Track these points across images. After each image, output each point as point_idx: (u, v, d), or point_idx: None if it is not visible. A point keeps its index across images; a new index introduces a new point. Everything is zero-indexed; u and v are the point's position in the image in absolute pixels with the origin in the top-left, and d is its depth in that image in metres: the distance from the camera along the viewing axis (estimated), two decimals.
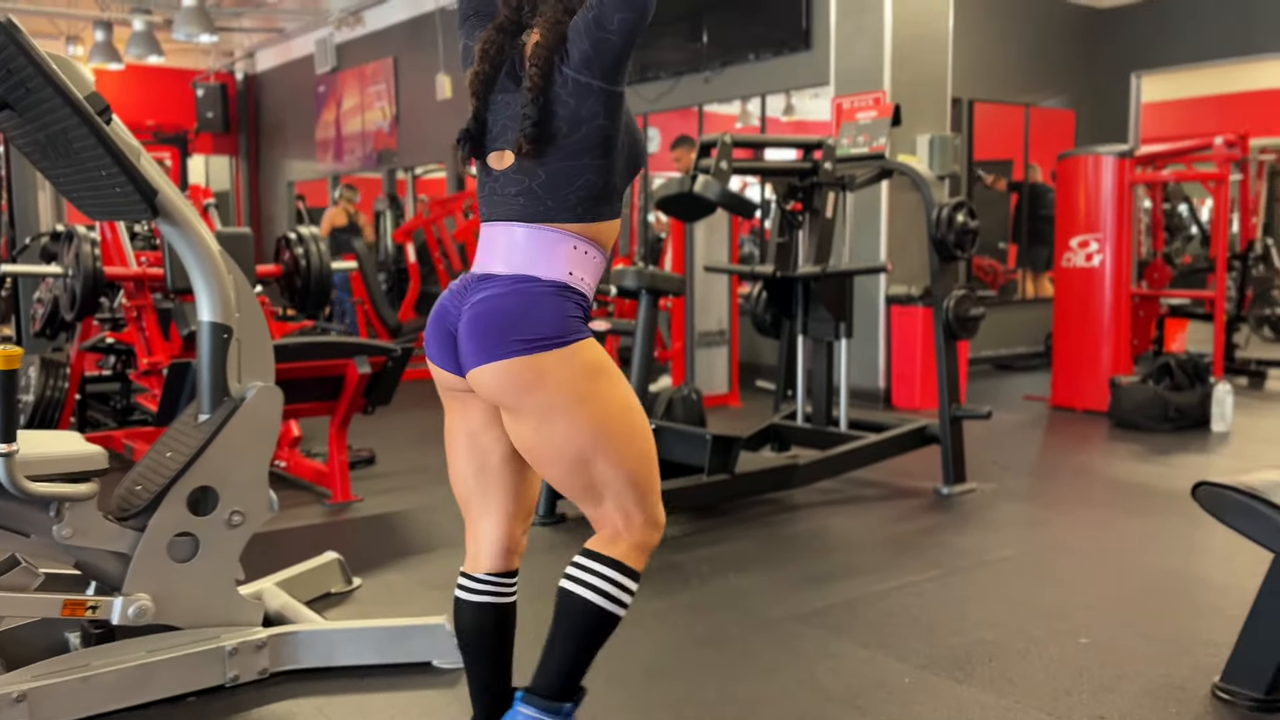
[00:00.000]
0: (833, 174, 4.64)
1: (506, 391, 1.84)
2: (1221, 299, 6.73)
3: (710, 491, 4.09)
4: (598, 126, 1.84)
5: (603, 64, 1.81)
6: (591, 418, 1.84)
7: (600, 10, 1.80)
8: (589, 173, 1.86)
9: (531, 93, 1.83)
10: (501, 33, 1.93)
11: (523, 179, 1.87)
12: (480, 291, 1.86)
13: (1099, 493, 4.65)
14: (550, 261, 1.85)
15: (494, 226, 1.92)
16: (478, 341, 1.83)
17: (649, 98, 9.25)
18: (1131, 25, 9.33)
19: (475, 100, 1.93)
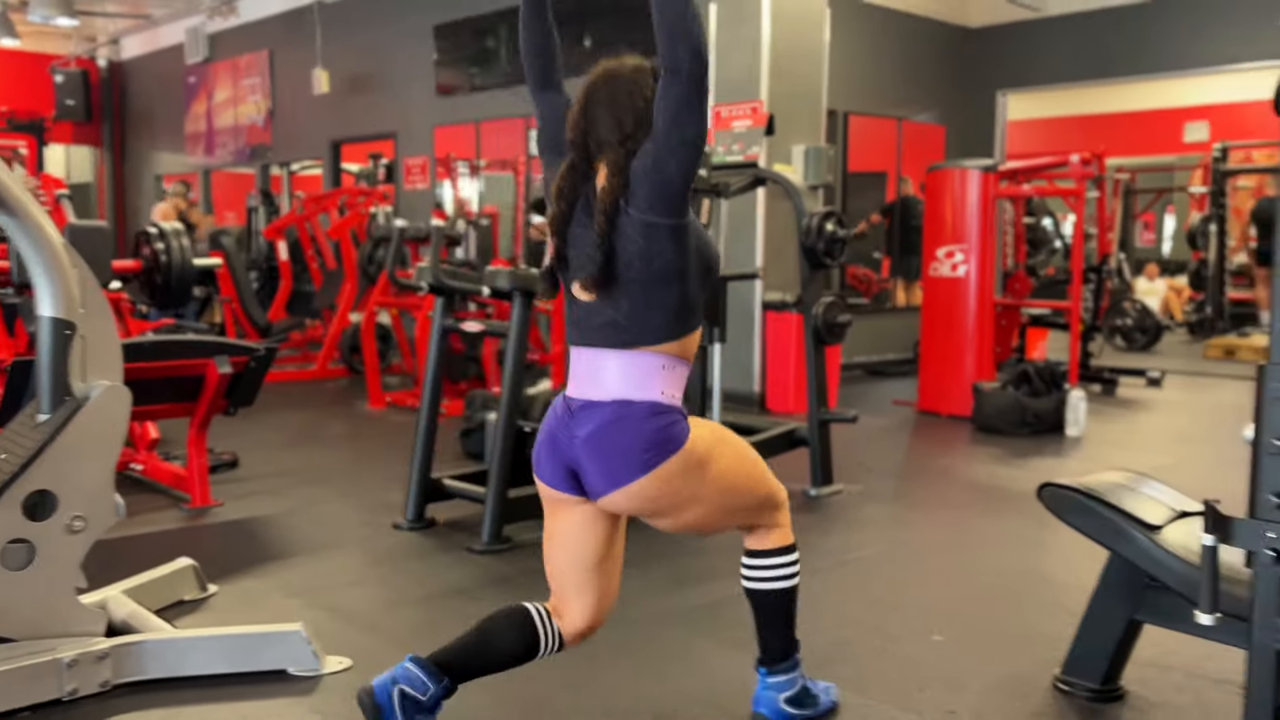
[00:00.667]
0: (708, 181, 4.70)
1: (643, 507, 2.10)
2: (1077, 310, 7.05)
3: None
4: (668, 260, 2.01)
5: (666, 204, 1.98)
6: (717, 492, 2.14)
7: (657, 156, 1.97)
8: (666, 299, 2.03)
9: (598, 237, 1.99)
10: (574, 172, 2.08)
11: (606, 310, 2.04)
12: (586, 422, 2.06)
13: (958, 494, 4.82)
14: (642, 384, 2.04)
15: (585, 351, 2.10)
16: (602, 473, 2.05)
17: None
18: (999, 45, 9.73)
19: (556, 238, 2.09)
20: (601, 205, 1.99)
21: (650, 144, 1.99)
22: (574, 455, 2.08)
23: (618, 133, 2.04)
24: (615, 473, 2.04)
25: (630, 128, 2.04)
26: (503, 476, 3.74)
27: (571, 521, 2.18)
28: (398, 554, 3.75)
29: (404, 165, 10.78)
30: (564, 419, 2.10)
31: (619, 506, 2.11)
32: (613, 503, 2.09)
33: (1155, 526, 2.37)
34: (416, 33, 10.36)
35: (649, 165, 1.98)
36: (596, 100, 2.08)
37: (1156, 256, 15.52)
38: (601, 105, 2.07)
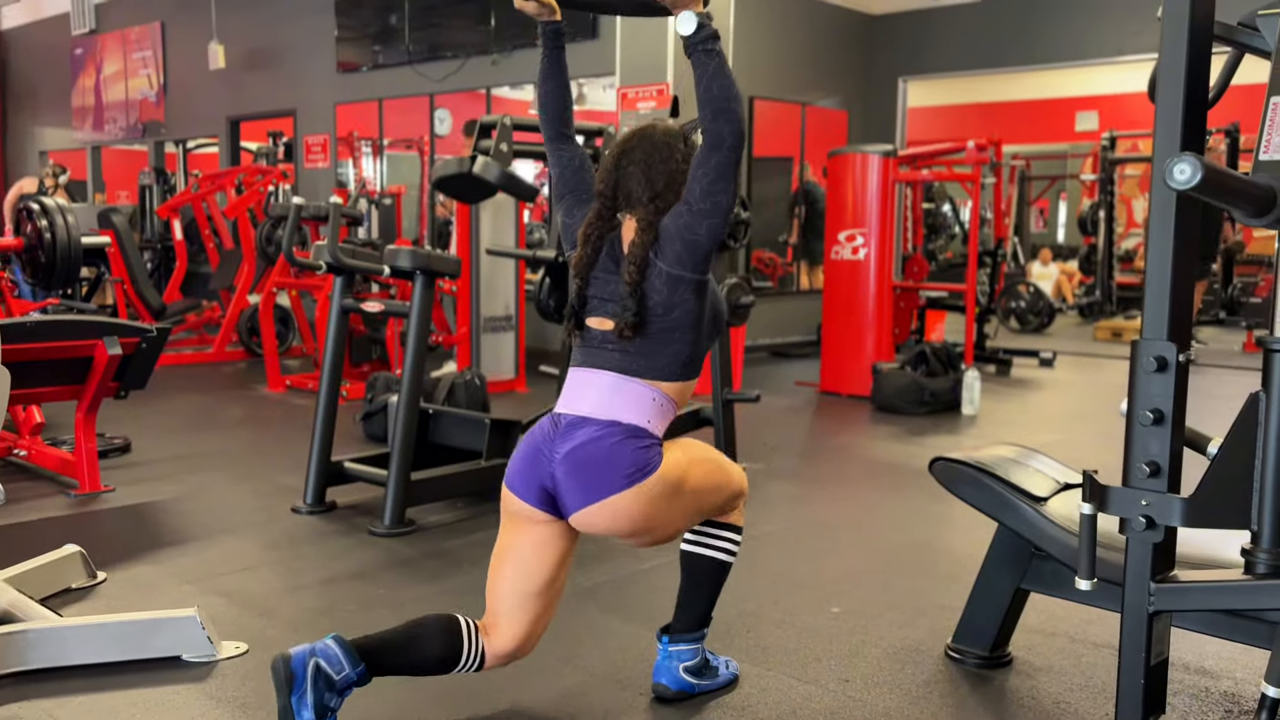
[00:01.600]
0: None
1: (619, 525, 2.17)
2: (972, 292, 7.25)
3: (488, 476, 4.06)
4: (688, 310, 2.19)
5: (694, 261, 2.16)
6: (692, 507, 2.27)
7: (690, 218, 2.15)
8: (680, 344, 2.21)
9: (630, 288, 2.16)
10: (601, 220, 2.26)
11: (618, 343, 2.21)
12: (570, 439, 2.16)
13: (857, 472, 4.93)
14: (635, 411, 2.18)
15: (587, 372, 2.23)
16: (583, 489, 2.14)
17: (435, 77, 9.08)
18: (900, 32, 9.91)
19: (578, 280, 2.26)
20: (633, 257, 2.17)
21: (685, 206, 2.17)
22: (552, 471, 2.17)
23: (649, 191, 2.22)
24: (595, 488, 2.13)
25: (660, 187, 2.22)
26: (405, 459, 3.70)
27: (530, 540, 2.23)
28: (296, 538, 3.68)
29: (304, 143, 10.52)
30: (549, 434, 2.20)
31: (593, 522, 2.17)
32: (587, 518, 2.16)
33: (1040, 498, 2.46)
34: (317, 8, 10.11)
35: (683, 225, 2.16)
36: (630, 159, 2.25)
37: (1050, 242, 16.05)
38: (635, 165, 2.24)
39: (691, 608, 2.43)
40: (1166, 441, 1.77)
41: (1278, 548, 1.76)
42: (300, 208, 4.22)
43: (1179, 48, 1.74)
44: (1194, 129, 1.76)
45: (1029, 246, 14.71)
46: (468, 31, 8.88)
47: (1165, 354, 1.77)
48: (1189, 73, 1.74)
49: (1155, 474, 1.78)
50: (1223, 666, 2.65)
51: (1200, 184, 1.36)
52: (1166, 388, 1.77)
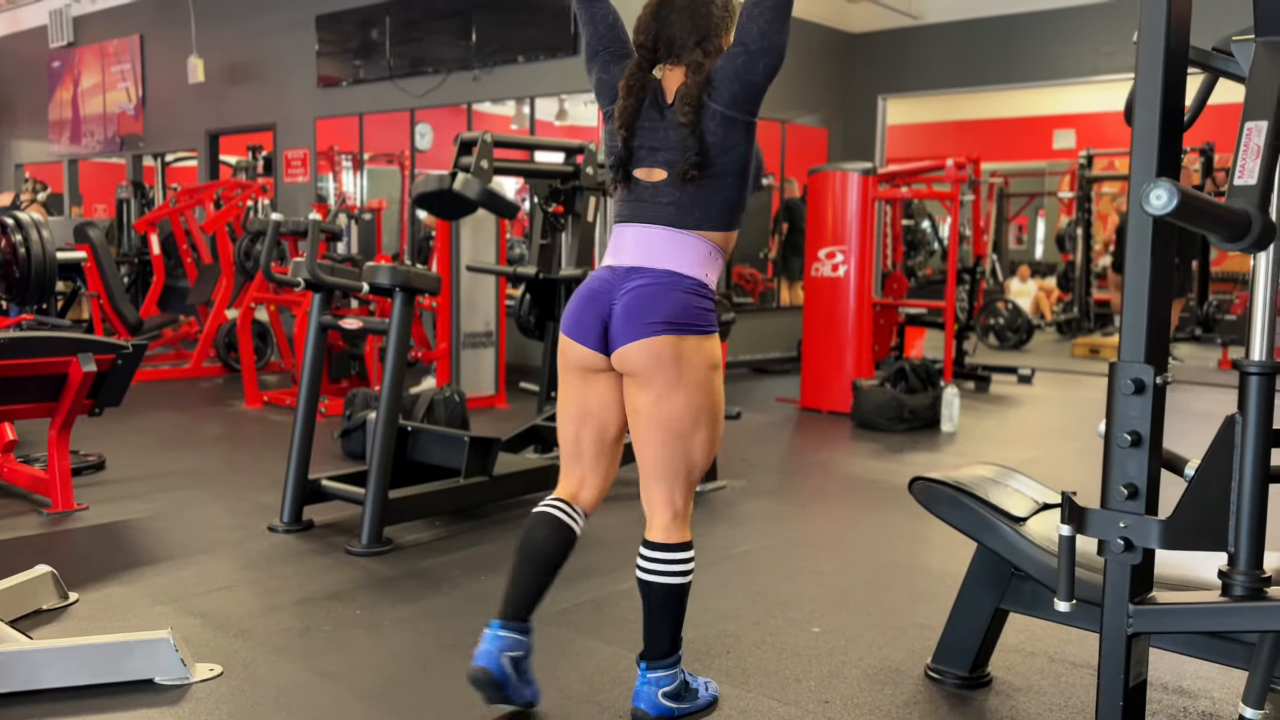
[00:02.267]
0: (594, 179, 4.70)
1: (648, 363, 2.20)
2: (951, 309, 7.29)
3: (467, 494, 4.04)
4: (741, 153, 2.25)
5: (749, 101, 2.23)
6: (702, 400, 2.25)
7: (748, 58, 2.21)
8: (730, 190, 2.27)
9: (689, 128, 2.20)
10: (642, 71, 2.30)
11: (675, 192, 2.24)
12: (633, 280, 2.22)
13: (837, 488, 4.93)
14: (692, 262, 2.24)
15: (638, 227, 2.27)
16: (633, 322, 2.19)
17: (416, 93, 9.08)
18: (879, 51, 9.99)
19: (623, 130, 2.28)
20: (688, 98, 2.21)
21: (740, 47, 2.23)
22: (613, 306, 2.24)
23: (695, 35, 2.28)
24: (641, 325, 2.20)
25: (706, 31, 2.29)
26: (383, 476, 3.67)
27: (595, 392, 2.32)
28: (273, 557, 3.64)
29: (284, 157, 10.49)
30: (610, 279, 2.27)
31: (631, 358, 2.22)
32: (628, 353, 2.22)
33: (1019, 518, 2.46)
34: (298, 22, 10.10)
35: (740, 66, 2.22)
36: (671, 8, 2.30)
37: (1029, 258, 16.16)
38: (677, 13, 2.30)
39: (658, 635, 2.37)
40: (1144, 464, 1.78)
41: (1254, 570, 1.77)
42: (279, 223, 4.20)
43: (1155, 72, 1.75)
44: (1170, 153, 1.77)
45: (1007, 263, 14.82)
46: (449, 47, 8.88)
47: (1143, 376, 1.77)
48: (1164, 97, 1.75)
49: (1133, 496, 1.79)
50: (1201, 686, 2.65)
51: (1176, 210, 1.37)
52: (1144, 410, 1.77)
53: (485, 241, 6.65)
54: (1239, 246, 1.58)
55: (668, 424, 2.24)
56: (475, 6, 8.67)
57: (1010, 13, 9.23)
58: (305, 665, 2.71)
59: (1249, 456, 1.74)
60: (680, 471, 2.29)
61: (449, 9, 8.87)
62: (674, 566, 2.32)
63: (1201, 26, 1.97)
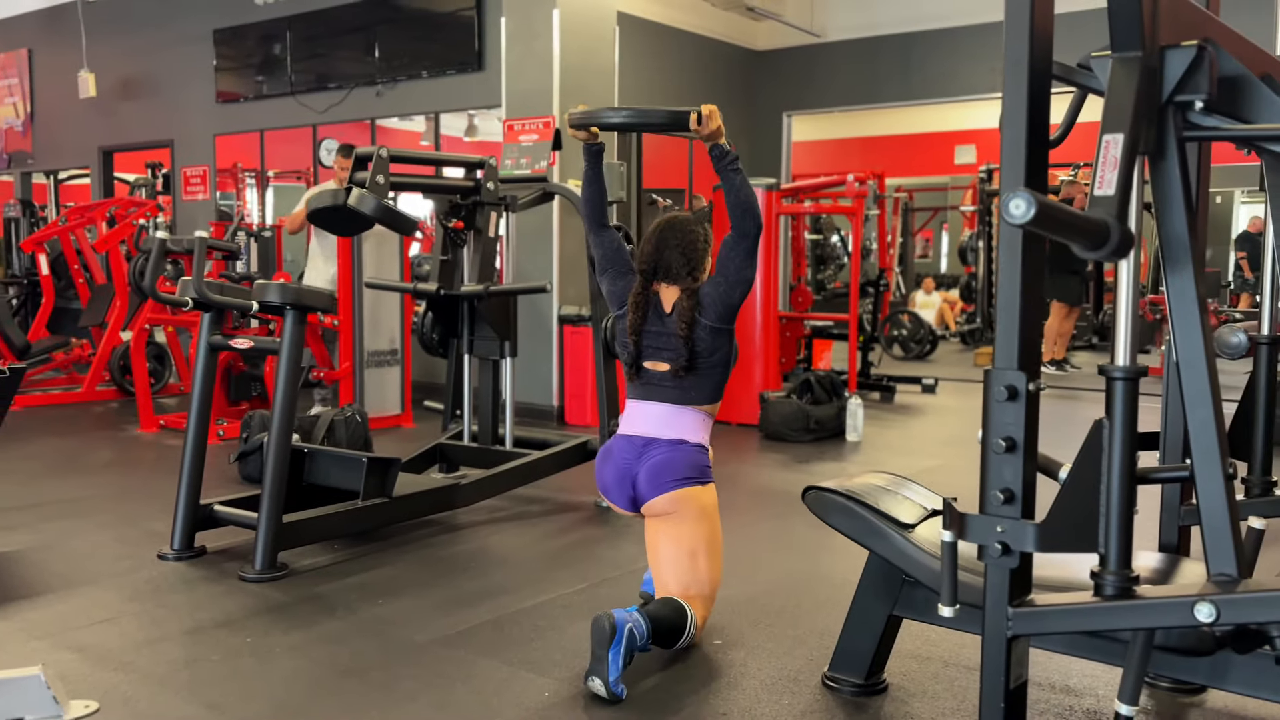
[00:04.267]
0: (495, 194, 4.67)
1: (668, 506, 2.92)
2: (854, 321, 7.41)
3: (366, 516, 3.95)
4: (725, 351, 3.01)
5: (729, 317, 2.98)
6: (705, 531, 2.95)
7: (728, 287, 2.95)
8: (718, 376, 3.01)
9: (683, 340, 2.94)
10: (644, 290, 3.03)
11: (677, 380, 2.98)
12: (653, 451, 2.95)
13: (742, 500, 4.95)
14: (694, 431, 2.99)
15: (652, 405, 3.00)
16: (655, 482, 2.92)
17: (318, 108, 8.93)
18: (783, 68, 10.14)
19: (634, 335, 3.01)
20: (684, 317, 2.95)
21: (722, 278, 2.96)
22: (636, 474, 2.94)
23: (687, 267, 3.02)
24: (663, 483, 2.91)
25: (695, 263, 3.03)
26: (276, 500, 3.58)
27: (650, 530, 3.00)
28: (161, 586, 3.51)
29: (182, 175, 10.21)
30: (630, 451, 2.98)
31: (656, 507, 2.92)
32: (653, 505, 2.93)
33: (908, 525, 2.50)
34: (194, 36, 9.85)
35: (722, 293, 2.96)
36: (668, 245, 3.02)
37: (934, 271, 16.55)
38: (673, 249, 3.01)
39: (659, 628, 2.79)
40: (1020, 469, 1.81)
41: (1123, 569, 1.81)
42: (163, 241, 4.07)
43: (1020, 89, 1.80)
44: (1037, 166, 1.82)
45: (913, 276, 15.15)
46: (352, 62, 8.75)
47: (1016, 383, 1.81)
48: (1030, 112, 1.80)
49: (1009, 501, 1.82)
50: (1086, 684, 2.72)
51: (1035, 219, 1.40)
52: (1018, 416, 1.81)
53: (389, 257, 6.55)
54: (1099, 255, 1.62)
55: (680, 545, 2.91)
56: (379, 21, 8.56)
57: (911, 30, 9.45)
58: (190, 697, 2.61)
59: (1116, 459, 1.79)
60: (690, 579, 2.92)
61: (352, 24, 8.74)
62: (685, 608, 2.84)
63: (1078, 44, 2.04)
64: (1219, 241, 16.11)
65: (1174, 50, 1.78)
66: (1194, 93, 1.78)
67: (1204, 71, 1.77)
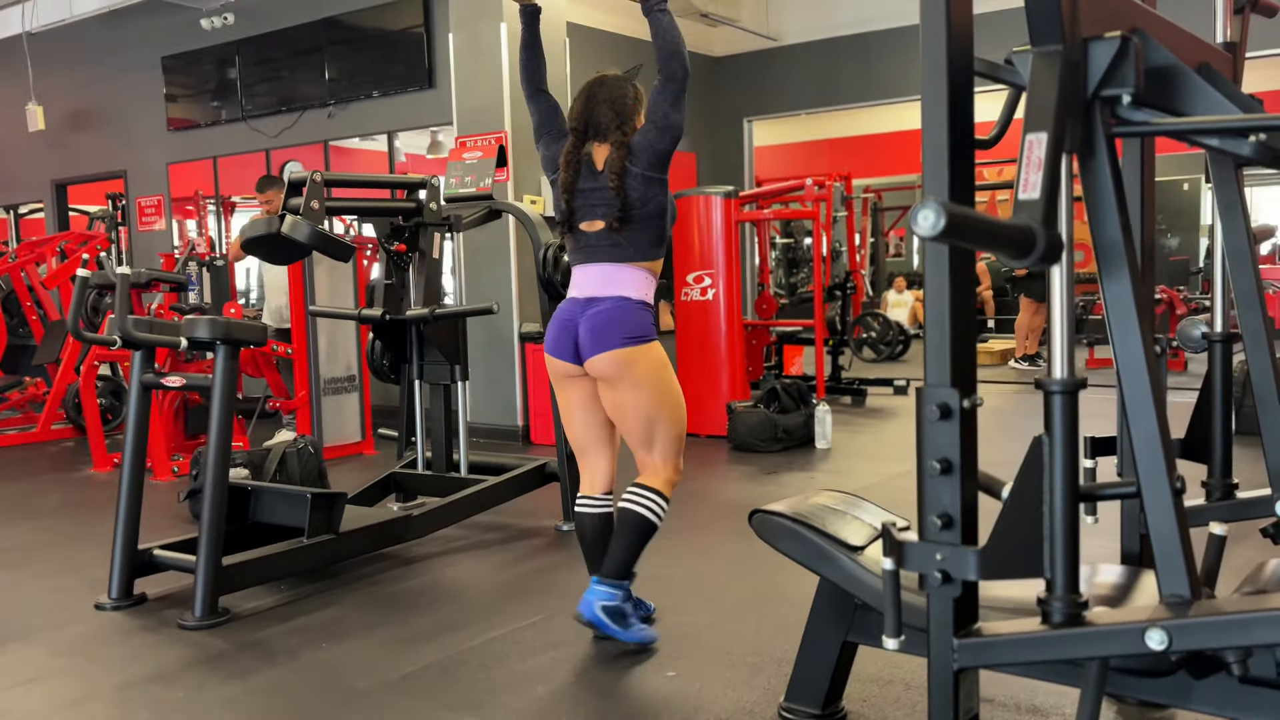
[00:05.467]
0: (438, 214, 4.55)
1: (614, 369, 2.93)
2: (820, 326, 7.32)
3: (311, 555, 3.81)
4: (659, 201, 3.00)
5: (660, 164, 2.98)
6: (660, 392, 2.99)
7: (656, 134, 2.97)
8: (654, 229, 3.00)
9: (614, 190, 2.93)
10: (575, 149, 3.04)
11: (612, 236, 2.97)
12: (593, 307, 2.96)
13: (708, 516, 4.83)
14: (634, 288, 2.98)
15: (591, 267, 3.01)
16: (597, 339, 2.91)
17: (270, 132, 8.79)
18: (742, 74, 10.05)
19: (566, 194, 3.02)
20: (614, 168, 2.93)
21: (650, 125, 2.97)
22: (578, 330, 2.95)
23: (616, 120, 3.01)
24: (605, 341, 2.91)
25: (624, 118, 3.02)
26: (214, 543, 3.43)
27: (583, 391, 3.06)
28: (94, 639, 3.36)
29: (137, 205, 10.04)
30: (574, 309, 3.00)
31: (599, 367, 2.94)
32: (596, 363, 2.94)
33: (857, 547, 2.39)
34: (143, 64, 9.70)
35: (651, 140, 2.96)
36: (597, 101, 3.02)
37: (906, 270, 16.49)
38: (602, 104, 3.01)
39: (614, 555, 3.01)
40: (957, 491, 1.70)
41: (1070, 594, 1.71)
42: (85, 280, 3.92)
43: (939, 88, 1.69)
44: (961, 170, 1.71)
45: (885, 276, 15.08)
46: (304, 84, 8.62)
47: (949, 401, 1.70)
48: (951, 112, 1.70)
49: (948, 526, 1.71)
50: (1053, 703, 2.61)
51: (946, 230, 1.29)
52: (952, 435, 1.70)
53: (342, 281, 6.42)
54: (1026, 263, 1.52)
55: (637, 413, 2.98)
56: (329, 42, 8.43)
57: (868, 30, 9.39)
58: None
59: (1058, 478, 1.68)
60: (653, 442, 3.03)
61: (302, 45, 8.61)
62: (649, 503, 3.02)
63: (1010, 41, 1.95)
64: (1188, 229, 16.16)
65: (1097, 42, 1.68)
66: (1120, 86, 1.68)
67: (1130, 63, 1.67)
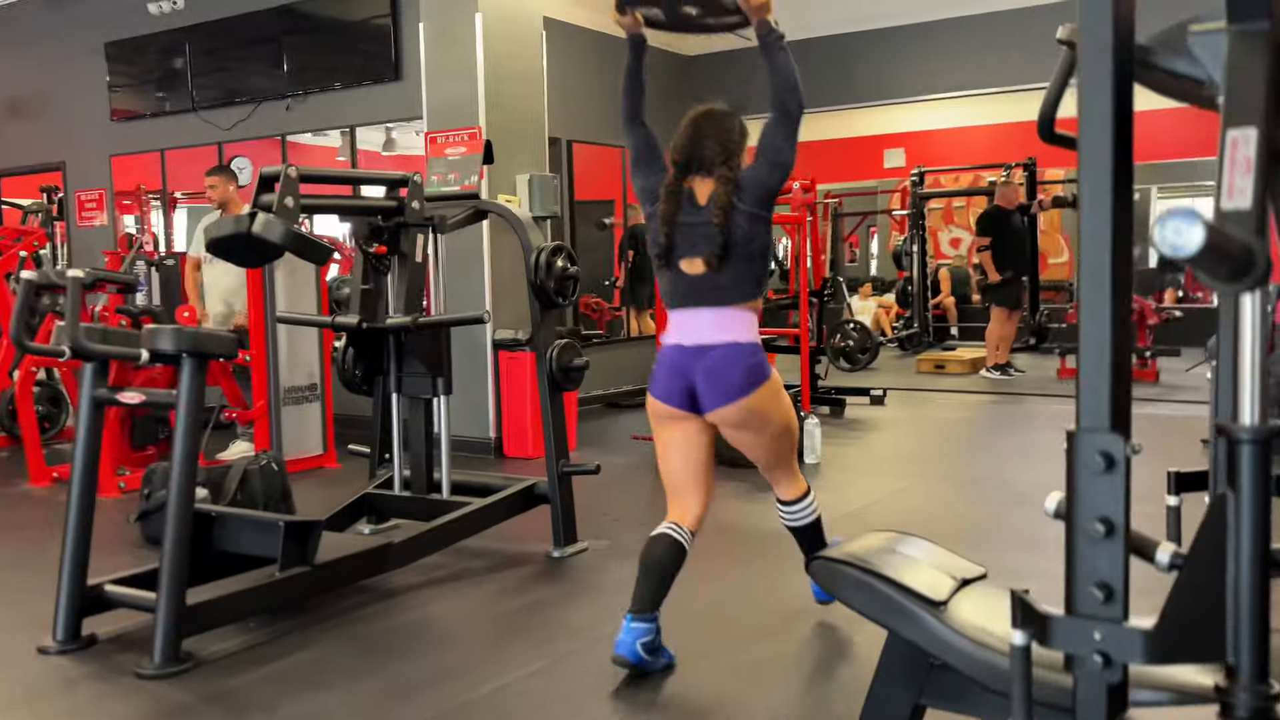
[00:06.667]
0: (421, 214, 4.20)
1: (742, 417, 2.92)
2: (805, 334, 7.06)
3: (285, 590, 3.45)
4: (762, 241, 2.91)
5: (767, 201, 2.90)
6: (783, 422, 3.03)
7: (767, 169, 2.89)
8: (756, 269, 2.91)
9: (718, 226, 2.83)
10: (677, 181, 2.95)
11: (714, 279, 2.87)
12: (707, 356, 2.88)
13: (705, 540, 4.46)
14: (744, 331, 2.90)
15: (695, 312, 2.92)
16: (720, 390, 2.86)
17: (223, 125, 8.32)
18: (713, 74, 9.79)
19: (665, 227, 2.90)
20: (720, 202, 2.85)
21: (762, 160, 2.91)
22: (695, 379, 2.89)
23: (723, 154, 2.93)
24: (729, 391, 2.87)
25: (731, 153, 2.95)
26: (176, 580, 3.05)
27: (683, 433, 3.00)
28: (37, 690, 2.97)
29: (76, 199, 9.49)
30: (685, 355, 2.92)
31: (725, 417, 2.93)
32: (720, 415, 2.92)
33: (939, 602, 2.10)
34: (85, 50, 9.15)
35: (762, 175, 2.90)
36: (704, 134, 2.97)
37: (866, 276, 16.38)
38: (709, 138, 2.96)
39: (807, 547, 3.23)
40: (1120, 557, 1.42)
41: (1259, 684, 1.43)
42: (30, 283, 3.51)
43: (1103, 78, 1.40)
44: (1125, 170, 1.43)
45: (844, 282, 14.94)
46: (259, 75, 8.17)
47: (1112, 449, 1.42)
48: (1116, 106, 1.41)
49: (1109, 599, 1.42)
50: None
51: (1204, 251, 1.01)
52: (1115, 490, 1.41)
53: (304, 283, 6.01)
54: (1241, 286, 1.24)
55: (767, 446, 3.06)
56: (287, 31, 8.00)
57: (843, 32, 9.18)
58: None
59: (1246, 542, 1.41)
60: (780, 462, 3.16)
61: (258, 34, 8.16)
62: (802, 512, 3.23)
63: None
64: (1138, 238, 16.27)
65: None
66: None
67: None
